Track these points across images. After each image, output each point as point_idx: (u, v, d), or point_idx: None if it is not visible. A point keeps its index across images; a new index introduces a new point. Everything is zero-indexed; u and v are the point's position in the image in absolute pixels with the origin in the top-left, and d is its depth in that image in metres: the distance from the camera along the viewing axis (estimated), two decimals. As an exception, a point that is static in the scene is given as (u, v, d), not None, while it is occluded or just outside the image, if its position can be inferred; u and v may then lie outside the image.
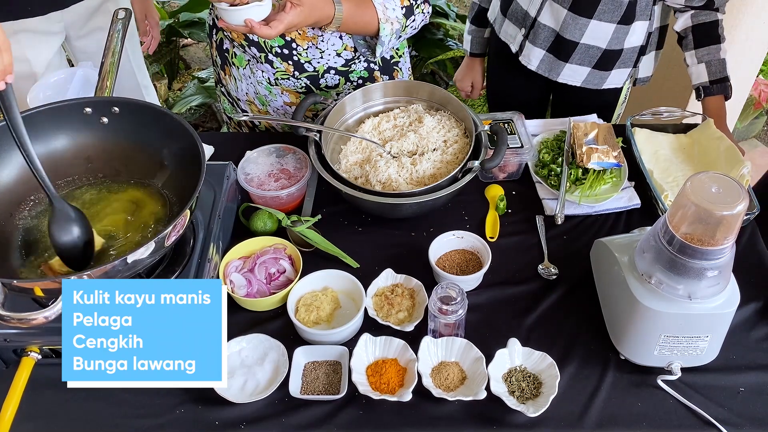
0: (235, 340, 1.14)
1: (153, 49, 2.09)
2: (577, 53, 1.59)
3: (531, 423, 1.06)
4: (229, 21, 1.26)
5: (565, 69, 1.63)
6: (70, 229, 1.06)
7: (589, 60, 1.60)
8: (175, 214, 1.17)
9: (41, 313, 0.90)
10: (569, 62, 1.62)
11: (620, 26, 1.53)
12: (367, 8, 1.37)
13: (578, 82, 1.66)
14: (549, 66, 1.65)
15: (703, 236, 0.97)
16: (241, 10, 1.23)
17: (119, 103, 1.19)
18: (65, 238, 1.06)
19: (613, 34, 1.54)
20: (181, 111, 3.00)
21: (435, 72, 3.31)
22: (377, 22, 1.38)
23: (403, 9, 1.41)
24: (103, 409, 1.09)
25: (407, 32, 1.46)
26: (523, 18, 1.63)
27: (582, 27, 1.53)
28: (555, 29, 1.58)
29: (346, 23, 1.35)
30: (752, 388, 1.11)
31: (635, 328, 1.08)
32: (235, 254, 1.27)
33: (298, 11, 1.26)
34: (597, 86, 1.66)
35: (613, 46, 1.57)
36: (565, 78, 1.65)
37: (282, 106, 1.58)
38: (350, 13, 1.34)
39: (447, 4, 3.20)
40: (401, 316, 1.20)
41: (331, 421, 1.07)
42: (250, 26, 1.24)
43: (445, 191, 1.25)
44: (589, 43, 1.56)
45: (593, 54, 1.59)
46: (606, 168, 1.42)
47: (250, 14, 1.24)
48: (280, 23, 1.25)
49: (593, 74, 1.63)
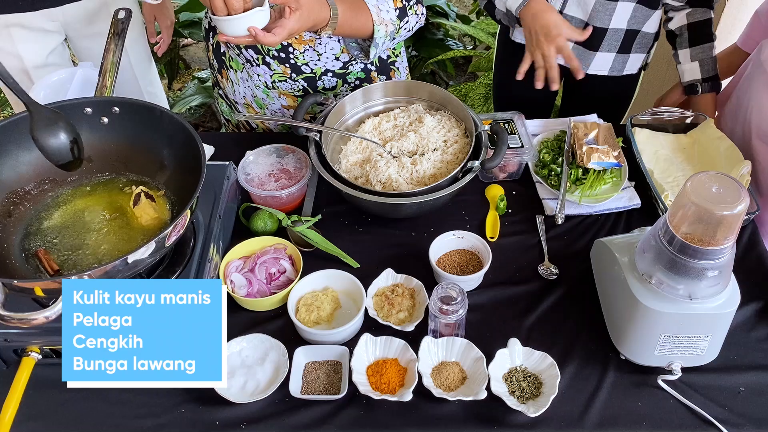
0: (236, 340, 1.14)
1: (162, 52, 2.08)
2: (606, 40, 1.60)
3: (531, 423, 1.06)
4: (230, 32, 1.18)
5: (596, 59, 1.64)
6: (56, 133, 1.04)
7: (615, 44, 1.61)
8: (175, 214, 1.17)
9: (41, 313, 0.91)
10: (600, 50, 1.62)
11: (640, 6, 1.54)
12: (361, 11, 1.36)
13: (605, 71, 1.67)
14: (578, 58, 1.65)
15: (704, 236, 0.97)
16: (241, 18, 1.15)
17: (119, 103, 1.19)
18: (52, 141, 1.04)
19: (632, 12, 1.55)
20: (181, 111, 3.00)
21: (435, 72, 3.31)
22: (372, 24, 1.37)
23: (396, 11, 1.40)
24: (103, 409, 1.09)
25: (401, 34, 1.45)
26: None
27: (611, 12, 1.54)
28: (583, 19, 1.58)
29: (342, 26, 1.34)
30: (752, 388, 1.11)
31: (635, 328, 1.08)
32: (236, 254, 1.27)
33: (298, 16, 1.23)
34: (619, 72, 1.67)
35: (632, 26, 1.58)
36: (596, 68, 1.66)
37: (280, 109, 1.58)
38: (345, 15, 1.33)
39: (447, 4, 3.20)
40: (402, 316, 1.20)
41: (332, 421, 1.07)
42: (254, 35, 1.17)
43: (446, 191, 1.25)
44: (615, 27, 1.57)
45: (617, 38, 1.60)
46: (606, 168, 1.42)
47: (252, 22, 1.16)
48: (283, 29, 1.20)
49: (617, 59, 1.64)
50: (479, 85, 2.70)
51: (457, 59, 3.46)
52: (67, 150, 1.06)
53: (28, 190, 1.18)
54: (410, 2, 1.42)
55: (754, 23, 1.60)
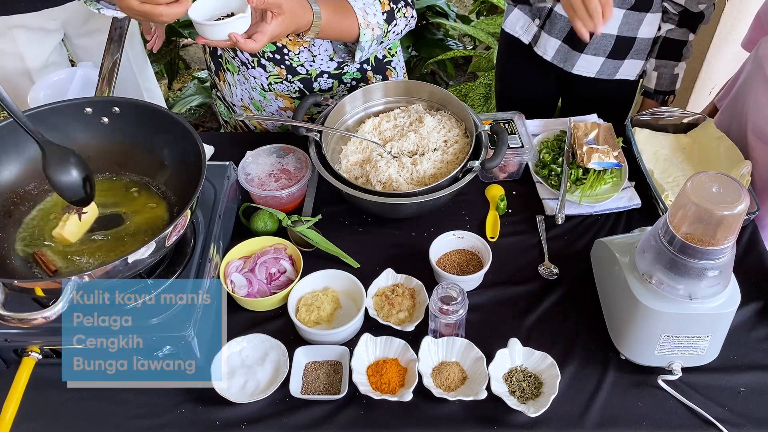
0: (236, 340, 1.14)
1: (157, 48, 2.09)
2: (592, 44, 1.61)
3: (531, 423, 1.06)
4: (210, 37, 1.17)
5: (580, 60, 1.65)
6: (69, 170, 1.04)
7: (604, 50, 1.62)
8: (175, 214, 1.17)
9: (41, 313, 0.90)
10: (584, 53, 1.63)
11: (630, 12, 1.55)
12: (346, 14, 1.34)
13: (593, 72, 1.67)
14: (564, 56, 1.67)
15: (704, 236, 0.97)
16: (222, 24, 1.15)
17: (119, 103, 1.19)
18: (65, 179, 1.04)
19: (623, 19, 1.56)
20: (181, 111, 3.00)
21: (435, 72, 3.31)
22: (357, 28, 1.35)
23: (384, 14, 1.38)
24: (103, 409, 1.09)
25: (390, 37, 1.44)
26: (538, 8, 1.64)
27: None
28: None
29: (325, 30, 1.32)
30: (753, 388, 1.11)
31: (636, 328, 1.08)
32: (236, 254, 1.27)
33: (280, 20, 1.21)
34: (610, 76, 1.68)
35: (625, 33, 1.58)
36: (580, 69, 1.67)
37: (277, 111, 1.57)
38: (329, 19, 1.31)
39: (447, 4, 3.20)
40: (402, 316, 1.20)
41: (332, 421, 1.07)
42: (234, 40, 1.16)
43: (446, 191, 1.25)
44: (604, 32, 1.58)
45: (607, 43, 1.60)
46: (606, 168, 1.42)
47: (233, 28, 1.15)
48: (264, 35, 1.19)
49: (607, 64, 1.65)
50: (479, 85, 2.70)
51: (457, 59, 3.46)
52: (79, 187, 1.06)
53: (28, 190, 1.18)
54: (398, 5, 1.40)
55: (755, 25, 1.60)
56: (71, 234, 1.11)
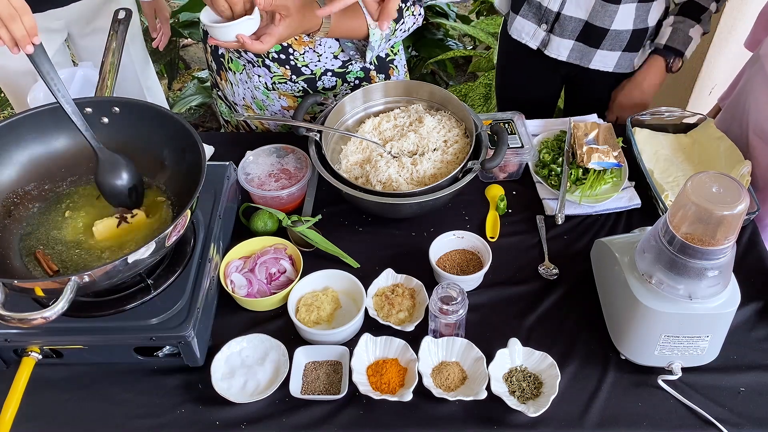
0: (236, 340, 1.14)
1: (163, 45, 2.09)
2: (607, 39, 1.62)
3: (531, 423, 1.06)
4: (219, 38, 1.20)
5: (597, 55, 1.66)
6: (120, 174, 1.13)
7: (620, 44, 1.63)
8: (175, 214, 1.17)
9: (41, 313, 0.90)
10: (600, 48, 1.64)
11: (641, 5, 1.56)
12: (355, 14, 1.34)
13: (610, 67, 1.68)
14: (580, 54, 1.67)
15: (704, 236, 0.97)
16: (231, 26, 1.17)
17: (120, 103, 1.19)
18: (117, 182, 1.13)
19: (635, 12, 1.57)
20: (181, 111, 3.00)
21: (435, 72, 3.31)
22: (366, 26, 1.36)
23: None
24: (103, 409, 1.09)
25: (397, 35, 1.45)
26: (543, 13, 1.64)
27: (612, 14, 1.56)
28: (583, 18, 1.60)
29: (334, 30, 1.33)
30: (753, 388, 1.11)
31: (636, 328, 1.08)
32: (236, 254, 1.27)
33: (288, 22, 1.22)
34: (627, 69, 1.69)
35: (639, 25, 1.60)
36: (597, 64, 1.68)
37: (280, 110, 1.57)
38: (338, 20, 1.32)
39: (447, 5, 3.20)
40: (402, 316, 1.20)
41: (332, 421, 1.07)
42: (242, 42, 1.19)
43: (446, 191, 1.25)
44: (619, 29, 1.59)
45: (623, 38, 1.61)
46: (606, 168, 1.42)
47: (241, 29, 1.18)
48: (272, 37, 1.21)
49: (624, 57, 1.66)
50: (479, 85, 2.70)
51: (457, 59, 3.46)
52: (125, 195, 1.15)
53: (28, 190, 1.18)
54: (407, 3, 1.41)
55: (758, 24, 1.60)
56: (99, 232, 1.14)
